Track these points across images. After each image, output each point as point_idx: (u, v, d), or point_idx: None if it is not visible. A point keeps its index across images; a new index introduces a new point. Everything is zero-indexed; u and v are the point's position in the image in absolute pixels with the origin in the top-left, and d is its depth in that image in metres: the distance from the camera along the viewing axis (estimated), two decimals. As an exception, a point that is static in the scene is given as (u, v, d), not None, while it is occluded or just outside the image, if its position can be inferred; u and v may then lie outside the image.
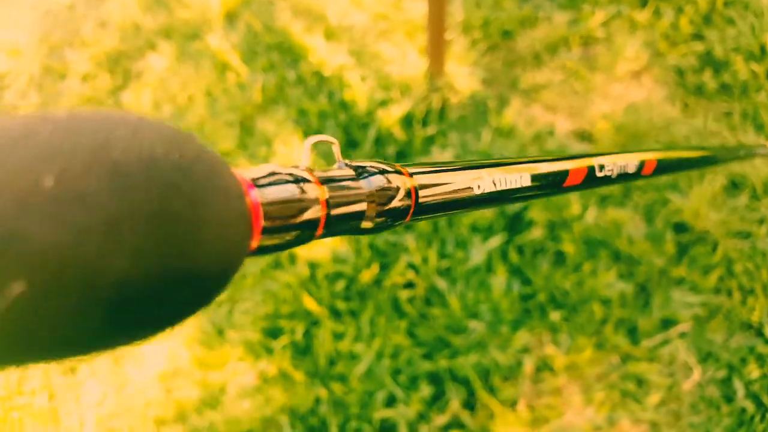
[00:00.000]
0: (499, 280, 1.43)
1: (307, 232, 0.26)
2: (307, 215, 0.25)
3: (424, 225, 1.51)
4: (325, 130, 1.74)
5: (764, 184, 1.51)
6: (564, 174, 0.41)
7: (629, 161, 0.47)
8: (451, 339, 1.37)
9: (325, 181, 0.27)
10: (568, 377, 1.34)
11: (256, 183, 0.23)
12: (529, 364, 1.34)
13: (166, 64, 2.05)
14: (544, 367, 1.35)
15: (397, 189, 0.31)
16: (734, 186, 1.53)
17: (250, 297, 1.52)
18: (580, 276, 1.42)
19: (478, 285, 1.44)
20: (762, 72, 1.67)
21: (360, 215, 0.30)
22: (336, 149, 0.31)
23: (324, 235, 0.27)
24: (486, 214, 1.52)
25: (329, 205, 0.27)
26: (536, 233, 1.48)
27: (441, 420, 1.30)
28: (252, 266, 1.56)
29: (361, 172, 0.30)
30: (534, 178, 0.38)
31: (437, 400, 1.34)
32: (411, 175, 0.33)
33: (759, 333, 1.34)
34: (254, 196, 0.23)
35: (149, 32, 2.15)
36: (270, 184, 0.24)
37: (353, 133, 1.70)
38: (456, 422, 1.31)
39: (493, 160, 0.38)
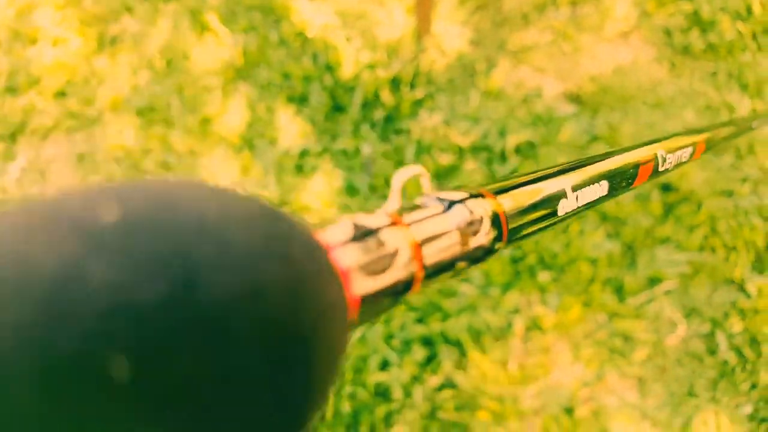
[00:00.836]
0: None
1: (403, 292, 0.22)
2: (402, 274, 0.21)
3: (411, 188, 1.51)
4: (309, 94, 1.71)
5: (748, 145, 1.54)
6: (635, 174, 0.39)
7: (685, 149, 0.45)
8: (443, 303, 1.40)
9: (415, 223, 0.23)
10: (557, 336, 1.37)
11: (341, 245, 0.20)
12: (519, 325, 1.38)
13: (142, 27, 1.99)
14: (533, 326, 1.38)
15: (481, 220, 0.26)
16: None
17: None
18: (568, 237, 1.45)
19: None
20: (748, 32, 1.68)
21: (452, 264, 0.25)
22: (425, 181, 0.27)
23: (420, 290, 0.24)
24: (475, 177, 1.53)
25: (423, 256, 0.23)
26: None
27: (434, 381, 1.33)
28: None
29: (449, 205, 0.26)
30: (611, 187, 0.35)
31: (430, 362, 1.37)
32: (495, 194, 0.28)
33: (741, 288, 1.39)
34: (344, 266, 0.19)
35: (124, -7, 2.07)
36: (357, 241, 0.20)
37: (339, 97, 1.68)
38: (449, 382, 1.34)
39: (564, 165, 0.34)
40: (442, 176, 1.54)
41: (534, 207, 0.30)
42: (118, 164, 1.72)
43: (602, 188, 0.35)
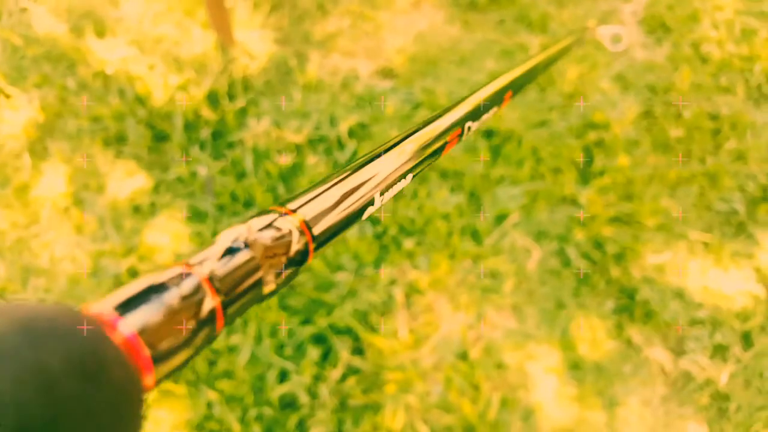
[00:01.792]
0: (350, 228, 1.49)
1: (206, 334, 0.22)
2: (200, 315, 0.21)
3: (262, 198, 1.51)
4: (126, 131, 1.63)
5: (546, 76, 1.71)
6: (440, 151, 0.41)
7: (491, 100, 0.49)
8: (324, 297, 1.41)
9: (205, 266, 0.23)
10: (435, 293, 1.45)
11: (123, 311, 0.19)
12: (399, 294, 1.43)
13: None
14: (412, 291, 1.44)
15: (290, 233, 0.27)
16: (521, 84, 1.71)
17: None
18: (419, 201, 1.53)
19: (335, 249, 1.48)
20: (517, -22, 1.86)
21: (258, 284, 0.25)
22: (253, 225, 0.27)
23: (228, 324, 0.23)
24: (319, 169, 1.56)
25: (220, 292, 0.22)
26: (370, 174, 1.54)
27: (336, 374, 1.35)
28: (91, 296, 1.45)
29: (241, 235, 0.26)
30: (416, 165, 0.36)
31: (327, 357, 1.38)
32: (294, 210, 0.29)
33: (574, 202, 1.55)
34: (125, 330, 0.19)
35: None
36: (139, 303, 0.20)
37: (158, 126, 1.61)
38: (351, 370, 1.36)
39: (369, 154, 0.35)
40: (287, 177, 1.55)
41: (344, 221, 0.32)
42: (-72, 262, 1.52)
43: (407, 180, 0.37)
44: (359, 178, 0.33)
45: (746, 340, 1.41)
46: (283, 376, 1.37)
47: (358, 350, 1.39)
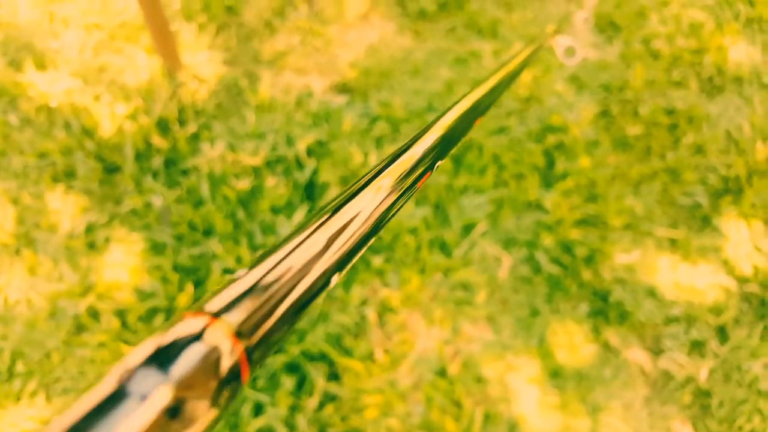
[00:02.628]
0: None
1: None
2: None
3: (222, 225, 1.45)
4: (75, 165, 1.55)
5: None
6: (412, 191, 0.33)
7: (458, 138, 0.42)
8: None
9: None
10: (408, 310, 1.41)
11: None
12: (371, 314, 1.39)
13: None
14: (384, 310, 1.40)
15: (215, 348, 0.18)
16: (478, 91, 1.70)
17: (64, 374, 1.34)
18: (385, 217, 1.49)
19: (297, 262, 1.43)
20: (465, -15, 1.85)
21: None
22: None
23: None
24: (279, 191, 1.51)
25: None
26: (333, 193, 1.50)
27: (313, 402, 1.30)
28: (51, 340, 1.37)
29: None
30: (378, 220, 0.28)
31: (302, 385, 1.33)
32: (217, 315, 0.19)
33: (539, 207, 1.54)
34: None
35: None
36: None
37: (108, 158, 1.54)
38: (328, 397, 1.32)
39: (317, 220, 0.26)
40: (246, 201, 1.50)
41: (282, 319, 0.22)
42: None
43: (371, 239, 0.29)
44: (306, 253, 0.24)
45: (722, 334, 1.41)
46: (258, 409, 1.31)
47: (333, 376, 1.34)
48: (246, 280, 0.21)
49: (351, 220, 0.26)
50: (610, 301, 1.43)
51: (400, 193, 0.30)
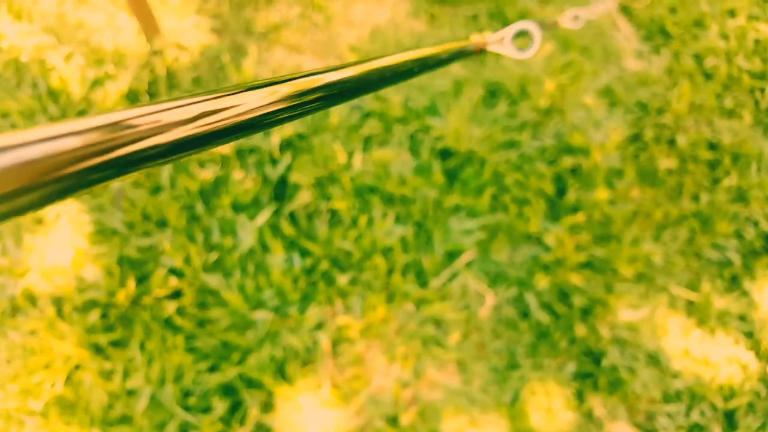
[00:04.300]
0: (276, 258, 1.28)
1: None
2: None
3: (177, 218, 1.30)
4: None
5: (519, 86, 1.48)
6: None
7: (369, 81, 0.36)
8: (237, 340, 1.22)
9: None
10: (367, 342, 1.25)
11: None
12: (325, 341, 1.23)
13: None
14: (341, 338, 1.24)
15: None
16: (491, 95, 1.48)
17: (-18, 363, 1.24)
18: (358, 231, 1.31)
19: (255, 270, 1.28)
20: (495, -31, 1.61)
21: None
22: None
23: None
24: (246, 186, 1.34)
25: None
26: (305, 196, 1.33)
27: (243, 433, 1.16)
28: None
29: None
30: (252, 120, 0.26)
31: (235, 411, 1.19)
32: None
33: (539, 241, 1.33)
34: None
35: None
36: None
37: (71, 126, 1.40)
38: (261, 429, 1.17)
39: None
40: (207, 194, 1.34)
41: None
42: None
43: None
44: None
45: (729, 420, 1.20)
46: (184, 430, 1.18)
47: (270, 406, 1.19)
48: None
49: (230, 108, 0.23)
50: (603, 364, 1.23)
51: (286, 105, 0.28)
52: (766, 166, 1.44)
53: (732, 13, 1.61)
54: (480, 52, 0.69)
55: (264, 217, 1.30)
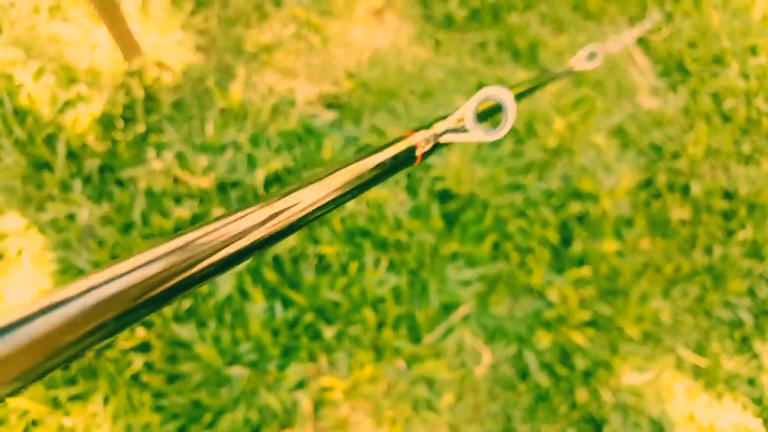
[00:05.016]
0: (256, 307, 1.18)
1: None
2: None
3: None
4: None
5: (526, 123, 1.38)
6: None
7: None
8: (209, 400, 1.12)
9: None
10: (353, 403, 1.15)
11: None
12: (306, 402, 1.14)
13: None
14: (324, 400, 1.15)
15: None
16: (496, 131, 1.38)
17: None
18: (348, 279, 1.21)
19: (233, 320, 1.18)
20: (505, -6, 1.50)
21: None
22: None
23: None
24: (227, 226, 1.24)
25: None
26: (291, 239, 1.23)
27: (215, 501, 1.07)
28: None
29: None
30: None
31: (206, 477, 1.09)
32: None
33: (541, 295, 1.24)
34: None
35: None
36: None
37: (38, 152, 1.29)
38: (234, 497, 1.08)
39: None
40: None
41: None
42: None
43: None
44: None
45: (735, 502, 1.12)
46: (151, 494, 1.09)
47: (245, 473, 1.10)
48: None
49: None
50: (605, 434, 1.15)
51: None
52: (784, 219, 1.35)
53: (753, 50, 1.51)
54: (424, 155, 0.46)
55: (244, 263, 1.20)
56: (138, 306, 0.19)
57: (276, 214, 0.26)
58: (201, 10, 1.43)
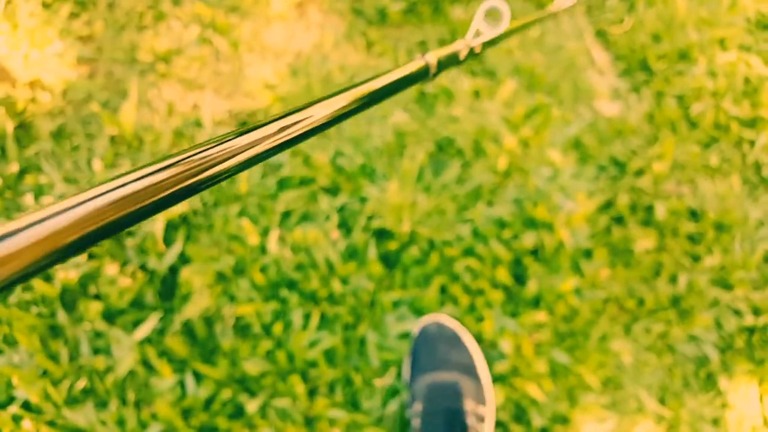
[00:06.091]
0: (164, 383, 1.01)
1: None
2: None
3: (28, 337, 0.99)
4: None
5: (474, 142, 1.20)
6: None
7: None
8: (113, 498, 0.95)
9: None
10: (285, 483, 1.01)
11: None
12: (229, 489, 0.99)
13: None
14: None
15: None
16: (440, 152, 1.20)
17: None
18: (273, 342, 1.05)
19: (136, 399, 1.00)
20: (447, -13, 1.29)
21: None
22: None
23: None
24: (122, 284, 1.04)
25: None
26: (201, 300, 1.04)
27: None
28: None
29: None
30: None
31: None
32: None
33: (494, 345, 1.11)
34: None
35: None
36: None
37: None
38: None
39: None
40: (71, 298, 1.03)
41: None
42: None
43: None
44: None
45: None
46: None
47: None
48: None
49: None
50: (563, 500, 1.05)
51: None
52: (750, 237, 1.25)
53: (722, 43, 1.36)
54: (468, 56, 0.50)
55: (147, 328, 1.01)
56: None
57: (286, 127, 0.27)
58: (82, 12, 1.17)
